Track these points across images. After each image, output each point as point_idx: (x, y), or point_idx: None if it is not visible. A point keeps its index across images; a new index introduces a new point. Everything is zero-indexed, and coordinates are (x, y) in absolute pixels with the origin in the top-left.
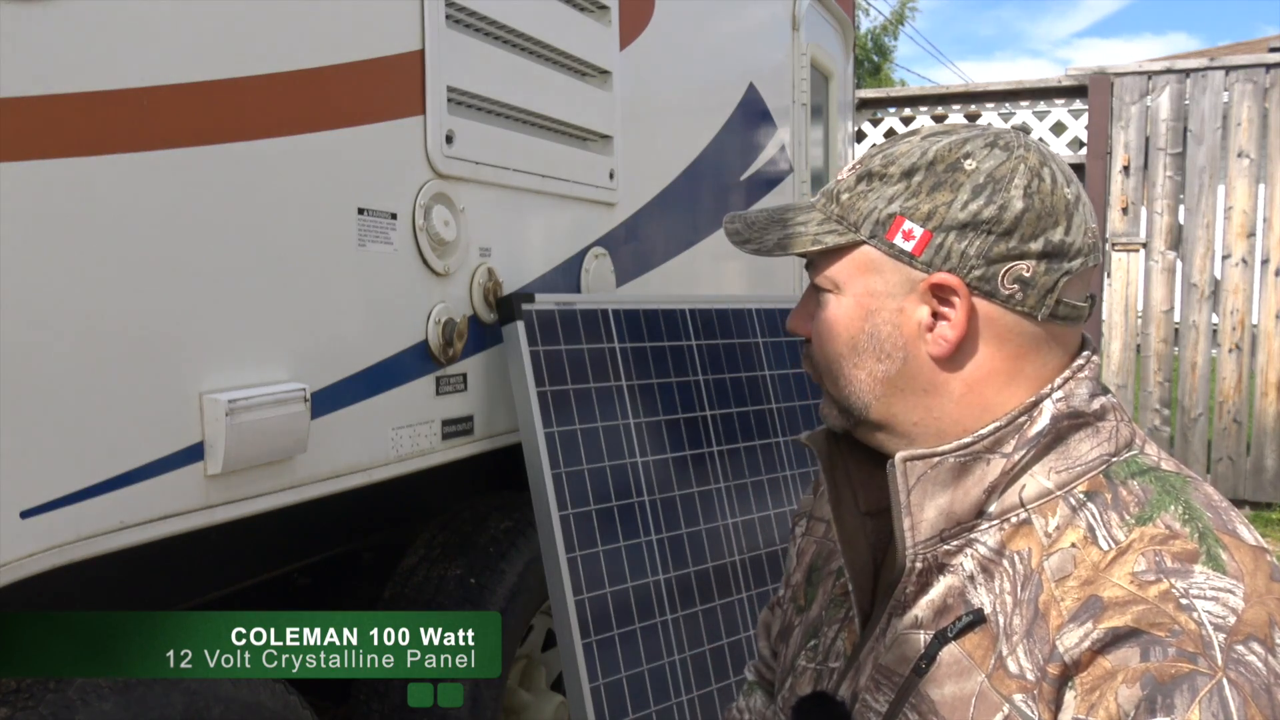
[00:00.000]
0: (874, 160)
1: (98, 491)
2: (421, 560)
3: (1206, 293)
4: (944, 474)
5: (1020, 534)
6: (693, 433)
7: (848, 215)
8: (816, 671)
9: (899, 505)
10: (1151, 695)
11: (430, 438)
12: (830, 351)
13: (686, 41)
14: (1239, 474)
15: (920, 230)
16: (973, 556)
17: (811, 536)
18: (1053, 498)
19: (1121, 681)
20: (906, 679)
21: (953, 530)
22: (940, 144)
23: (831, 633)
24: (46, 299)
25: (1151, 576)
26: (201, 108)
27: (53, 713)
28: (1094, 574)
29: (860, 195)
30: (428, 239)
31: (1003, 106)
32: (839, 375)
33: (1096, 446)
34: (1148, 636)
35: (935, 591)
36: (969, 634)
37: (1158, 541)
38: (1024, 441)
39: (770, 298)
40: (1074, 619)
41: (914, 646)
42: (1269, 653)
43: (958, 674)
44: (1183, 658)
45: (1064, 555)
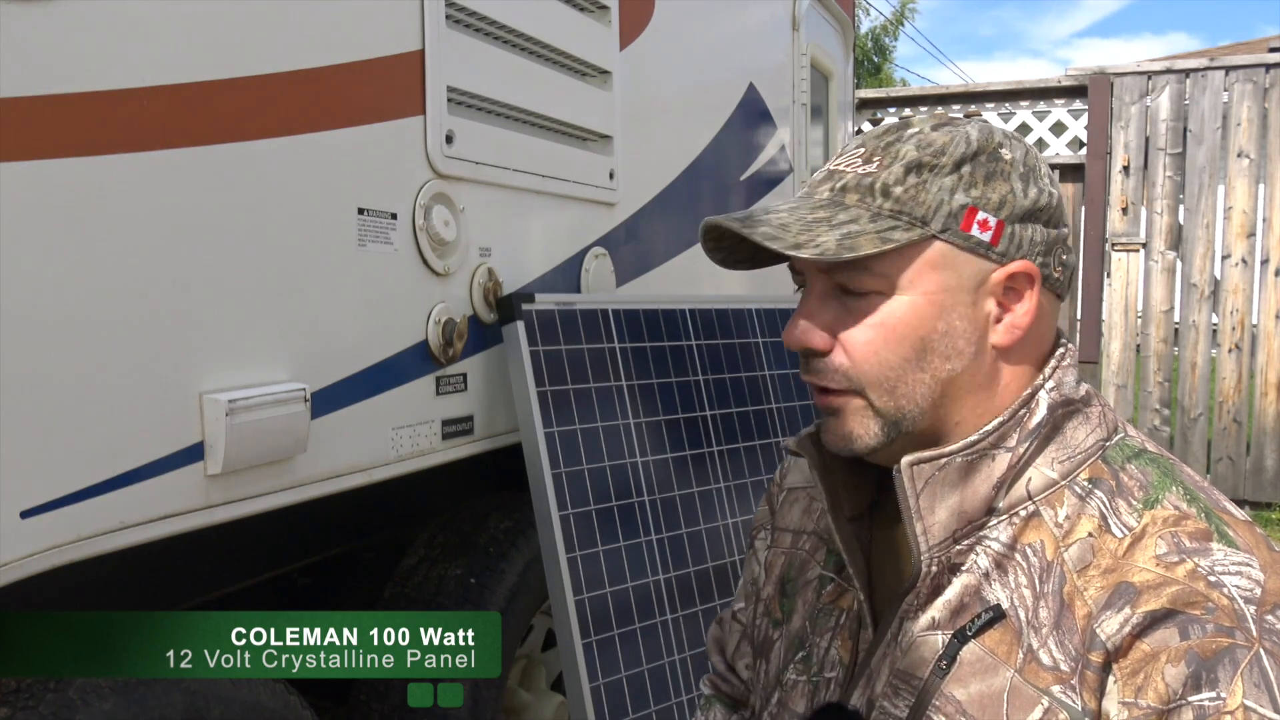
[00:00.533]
0: (907, 150)
1: (98, 491)
2: (421, 560)
3: (1206, 293)
4: (952, 474)
5: (1031, 527)
6: (693, 433)
7: (910, 209)
8: (812, 683)
9: (910, 510)
10: (1197, 672)
11: (430, 438)
12: (891, 358)
13: (686, 41)
14: (1239, 474)
15: (994, 220)
16: (986, 553)
17: (778, 548)
18: (1058, 488)
19: (1166, 662)
20: (927, 681)
21: (964, 530)
22: (971, 132)
23: (824, 643)
24: (46, 299)
25: (1175, 558)
26: (202, 108)
27: (53, 713)
28: (1115, 562)
29: (918, 188)
30: (428, 239)
31: (1002, 106)
32: (897, 384)
33: (1091, 433)
34: (1184, 616)
35: (951, 592)
36: (989, 631)
37: (1171, 524)
38: (1026, 434)
39: (770, 298)
40: (1109, 606)
41: (932, 648)
42: None
43: (982, 671)
44: (1221, 633)
45: (1083, 545)
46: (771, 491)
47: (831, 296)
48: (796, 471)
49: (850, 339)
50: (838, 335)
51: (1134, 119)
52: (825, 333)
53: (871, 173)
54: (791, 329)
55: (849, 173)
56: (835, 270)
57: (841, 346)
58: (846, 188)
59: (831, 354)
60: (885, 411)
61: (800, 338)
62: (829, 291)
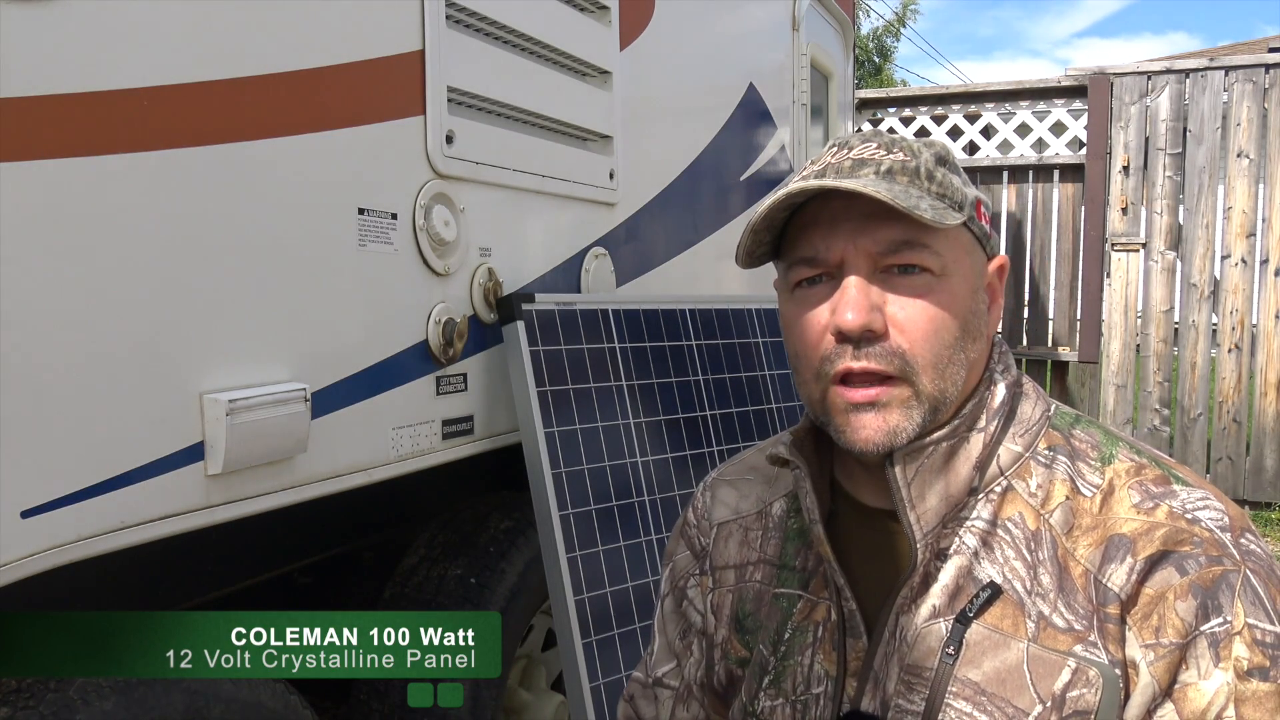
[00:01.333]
0: (919, 146)
1: (98, 491)
2: (421, 560)
3: (1206, 293)
4: (938, 460)
5: (1007, 501)
6: (693, 433)
7: (950, 195)
8: (798, 703)
9: (903, 501)
10: (1203, 602)
11: (430, 438)
12: (946, 337)
13: (687, 42)
14: (1239, 474)
15: (988, 214)
16: (972, 532)
17: (723, 588)
18: (1024, 460)
19: (1175, 599)
20: (938, 670)
21: (951, 513)
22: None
23: (805, 660)
24: (46, 299)
25: (1150, 504)
26: (202, 108)
27: (53, 713)
28: (1095, 519)
29: (948, 176)
30: (428, 239)
31: (1002, 106)
32: (947, 365)
33: (1035, 407)
34: (1176, 554)
35: (946, 576)
36: (989, 609)
37: (1134, 474)
38: (992, 414)
39: (770, 298)
40: (1108, 559)
41: (937, 636)
42: (1257, 538)
43: (992, 649)
44: (1212, 562)
45: (1064, 509)
46: (690, 535)
47: (875, 281)
48: (720, 506)
49: (906, 319)
50: (889, 317)
51: (1134, 119)
52: (877, 315)
53: (907, 160)
54: (845, 312)
55: (885, 159)
56: (893, 251)
57: (896, 327)
58: (893, 171)
59: (888, 336)
60: (930, 396)
61: (865, 319)
62: (873, 275)
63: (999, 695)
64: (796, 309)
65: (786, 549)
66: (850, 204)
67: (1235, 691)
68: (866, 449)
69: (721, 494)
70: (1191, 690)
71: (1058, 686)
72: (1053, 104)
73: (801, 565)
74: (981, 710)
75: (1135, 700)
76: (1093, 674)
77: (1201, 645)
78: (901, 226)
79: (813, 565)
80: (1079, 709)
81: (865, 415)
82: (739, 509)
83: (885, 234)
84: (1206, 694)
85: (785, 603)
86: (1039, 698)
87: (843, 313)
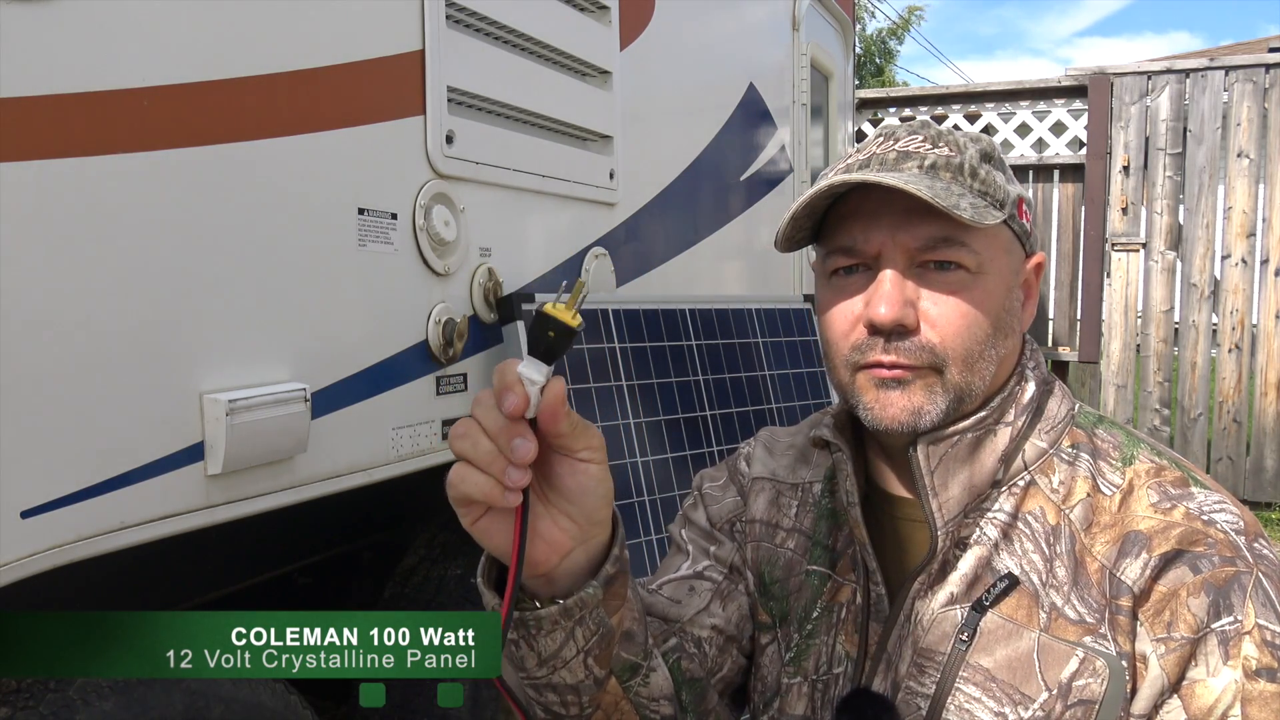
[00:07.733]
0: (965, 141)
1: (98, 491)
2: (421, 560)
3: (1206, 293)
4: (963, 450)
5: (1029, 495)
6: (693, 433)
7: (993, 193)
8: (819, 682)
9: (926, 488)
10: (1215, 600)
11: (430, 437)
12: (978, 333)
13: (687, 41)
14: (1239, 474)
15: (1030, 211)
16: (993, 524)
17: (749, 539)
18: (1048, 456)
19: (1188, 596)
20: (950, 654)
21: (974, 503)
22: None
23: (828, 640)
24: (46, 299)
25: (1168, 504)
26: (202, 108)
27: (53, 713)
28: (1114, 517)
29: (992, 174)
30: (428, 239)
31: (1003, 106)
32: (977, 360)
33: (1061, 405)
34: (1191, 554)
35: (965, 565)
36: (1005, 599)
37: (1153, 475)
38: (1021, 409)
39: (770, 298)
40: (1124, 555)
41: (953, 622)
42: (1269, 544)
43: (1005, 638)
44: (1225, 563)
45: (1085, 506)
46: (740, 481)
47: (910, 275)
48: (758, 463)
49: (939, 316)
50: (922, 312)
51: (1134, 119)
52: (910, 310)
53: (952, 155)
54: (879, 306)
55: (929, 154)
56: (930, 247)
57: (928, 323)
58: (936, 166)
59: (919, 331)
60: (956, 386)
61: (898, 314)
62: (909, 269)
63: (1007, 682)
64: (832, 296)
65: (819, 526)
66: (891, 197)
67: (1243, 690)
68: (892, 427)
69: (760, 454)
70: (1199, 687)
71: (1064, 675)
72: (1053, 104)
73: (831, 544)
74: (989, 695)
75: (1143, 693)
76: (1099, 664)
77: (1212, 642)
78: (940, 223)
79: (841, 546)
80: (1084, 698)
81: (892, 393)
82: (775, 473)
83: (924, 230)
84: (1214, 691)
85: (816, 580)
86: (1045, 685)
87: (876, 305)
